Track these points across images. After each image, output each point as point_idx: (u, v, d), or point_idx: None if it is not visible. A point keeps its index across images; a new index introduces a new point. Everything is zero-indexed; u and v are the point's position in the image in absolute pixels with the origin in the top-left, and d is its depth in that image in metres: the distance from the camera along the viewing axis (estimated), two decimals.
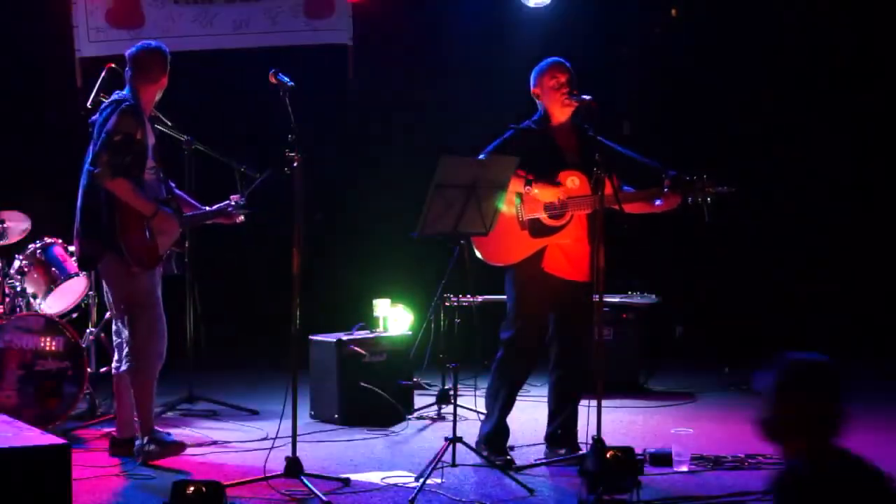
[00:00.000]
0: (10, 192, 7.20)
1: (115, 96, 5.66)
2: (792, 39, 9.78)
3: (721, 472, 5.60)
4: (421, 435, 6.58)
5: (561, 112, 5.77)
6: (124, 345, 5.66)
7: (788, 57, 9.81)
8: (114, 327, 5.84)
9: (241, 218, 5.69)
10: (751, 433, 6.67)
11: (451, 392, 6.03)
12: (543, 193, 5.65)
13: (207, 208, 5.77)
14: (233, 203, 5.65)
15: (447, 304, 7.23)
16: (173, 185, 5.82)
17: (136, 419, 5.67)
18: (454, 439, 5.45)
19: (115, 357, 5.81)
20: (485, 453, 5.66)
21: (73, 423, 6.48)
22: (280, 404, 5.27)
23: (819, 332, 9.61)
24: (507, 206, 5.62)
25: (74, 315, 7.08)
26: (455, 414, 5.62)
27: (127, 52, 5.69)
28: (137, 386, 5.60)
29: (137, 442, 5.61)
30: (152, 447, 5.55)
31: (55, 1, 8.80)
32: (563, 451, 5.74)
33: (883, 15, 9.49)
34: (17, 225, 6.89)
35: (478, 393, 6.26)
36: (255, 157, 6.87)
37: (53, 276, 6.74)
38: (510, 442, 5.89)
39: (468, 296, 7.28)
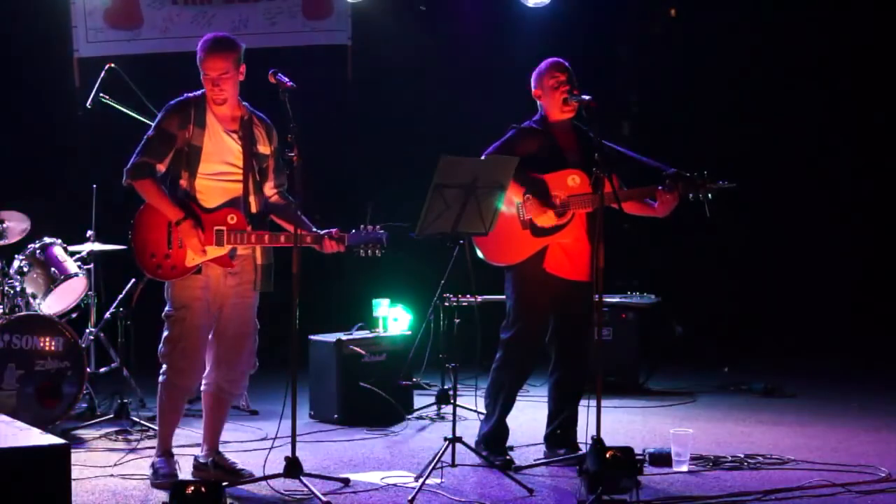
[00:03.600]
0: (10, 192, 7.20)
1: None
2: (792, 37, 9.78)
3: (720, 472, 5.59)
4: (420, 435, 6.58)
5: (561, 112, 5.77)
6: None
7: (788, 56, 9.82)
8: None
9: (341, 249, 5.21)
10: (750, 433, 6.70)
11: (451, 392, 6.03)
12: (535, 212, 5.64)
13: (316, 231, 5.26)
14: (337, 234, 5.20)
15: (447, 304, 7.22)
16: (292, 199, 5.36)
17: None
18: (454, 439, 5.44)
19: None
20: (484, 453, 5.66)
21: (72, 423, 6.47)
22: (279, 404, 5.27)
23: (819, 332, 9.64)
24: (508, 206, 5.62)
25: (74, 315, 7.08)
26: (455, 414, 5.62)
27: None
28: (160, 400, 5.36)
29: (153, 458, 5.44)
30: (151, 472, 5.34)
31: (54, 1, 8.80)
32: (562, 451, 5.74)
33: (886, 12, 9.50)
34: (17, 225, 6.88)
35: (478, 393, 6.26)
36: None
37: (53, 276, 6.73)
38: (510, 442, 5.88)
39: (468, 295, 7.28)
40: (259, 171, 5.36)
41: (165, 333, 5.30)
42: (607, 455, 4.85)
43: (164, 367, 5.31)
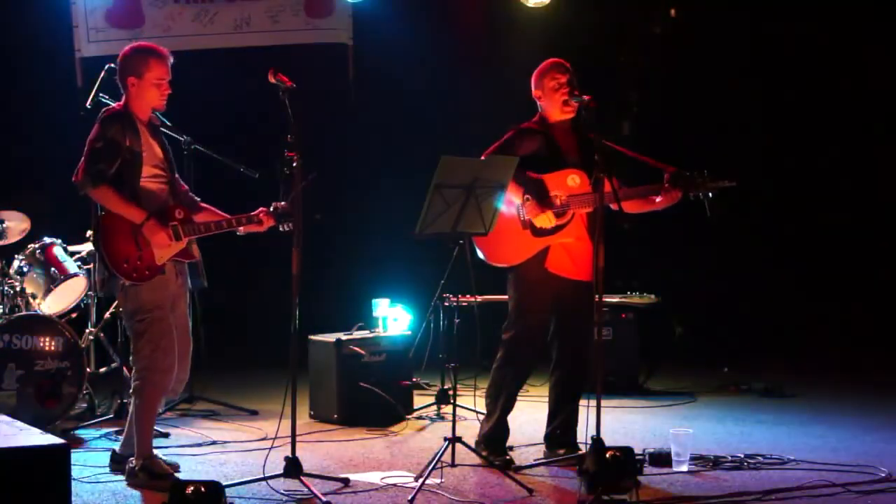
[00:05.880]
0: (10, 192, 7.20)
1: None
2: (792, 37, 9.79)
3: (720, 471, 5.59)
4: (420, 435, 6.58)
5: (561, 113, 5.77)
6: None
7: (788, 55, 9.82)
8: None
9: (273, 224, 5.40)
10: (750, 433, 6.69)
11: (451, 392, 6.03)
12: (534, 214, 5.64)
13: (229, 217, 5.47)
14: (266, 211, 5.38)
15: (447, 304, 7.22)
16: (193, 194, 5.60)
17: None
18: (453, 439, 5.45)
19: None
20: (484, 453, 5.66)
21: (72, 423, 6.47)
22: (279, 404, 5.27)
23: (819, 332, 9.64)
24: (508, 206, 5.62)
25: (74, 315, 7.08)
26: (454, 414, 5.62)
27: None
28: (138, 404, 5.31)
29: (130, 463, 5.34)
30: (141, 475, 5.27)
31: (55, 1, 8.80)
32: (562, 451, 5.74)
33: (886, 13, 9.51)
34: (17, 225, 6.89)
35: (478, 393, 6.26)
36: (255, 157, 6.87)
37: (53, 276, 6.74)
38: (510, 442, 5.89)
39: (468, 295, 7.28)
40: None
41: (143, 336, 5.28)
42: (607, 455, 4.85)
43: (144, 370, 5.29)
